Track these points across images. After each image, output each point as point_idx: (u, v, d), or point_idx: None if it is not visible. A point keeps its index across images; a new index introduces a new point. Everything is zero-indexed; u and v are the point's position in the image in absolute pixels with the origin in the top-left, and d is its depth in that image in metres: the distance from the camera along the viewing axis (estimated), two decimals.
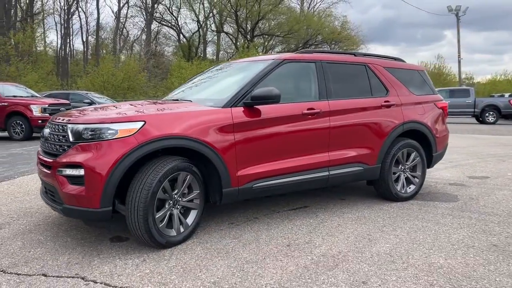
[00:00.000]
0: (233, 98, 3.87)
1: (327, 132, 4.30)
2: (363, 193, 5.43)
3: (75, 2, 44.23)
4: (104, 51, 43.26)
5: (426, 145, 5.24)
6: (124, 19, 48.56)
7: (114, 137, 3.25)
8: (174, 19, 47.42)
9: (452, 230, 3.97)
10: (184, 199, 3.62)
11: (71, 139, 3.34)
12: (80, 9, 46.58)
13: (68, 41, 45.63)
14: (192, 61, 38.17)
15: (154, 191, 3.28)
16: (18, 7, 40.30)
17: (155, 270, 3.06)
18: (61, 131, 3.48)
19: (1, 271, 3.06)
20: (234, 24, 46.11)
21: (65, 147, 3.38)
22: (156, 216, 3.34)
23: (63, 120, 3.56)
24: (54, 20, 45.17)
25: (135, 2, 48.46)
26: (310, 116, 4.19)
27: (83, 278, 2.93)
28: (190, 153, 3.61)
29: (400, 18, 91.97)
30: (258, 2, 42.86)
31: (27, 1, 40.60)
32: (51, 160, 3.45)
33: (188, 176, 3.57)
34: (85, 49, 46.89)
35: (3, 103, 13.35)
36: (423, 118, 5.11)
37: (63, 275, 2.99)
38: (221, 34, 48.37)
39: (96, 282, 2.87)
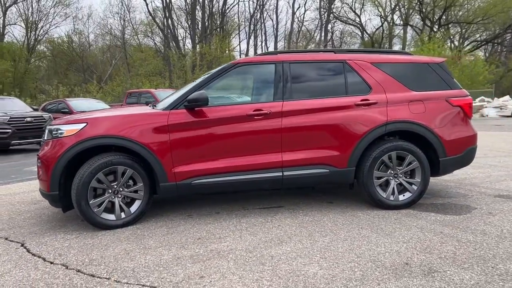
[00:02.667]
0: (175, 101, 4.28)
1: (278, 133, 4.27)
2: (359, 198, 5.03)
3: (258, 11, 48.53)
4: None
5: (429, 149, 4.58)
6: (302, 21, 51.06)
7: (61, 136, 4.07)
8: (357, 16, 47.50)
9: (388, 244, 3.53)
10: (127, 190, 4.20)
11: (44, 138, 4.30)
12: (268, 16, 50.83)
13: (249, 46, 50.19)
14: None
15: (85, 181, 3.97)
16: (212, 21, 46.43)
17: (71, 245, 3.75)
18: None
19: None
20: (420, 15, 43.05)
21: (42, 144, 4.37)
22: (90, 202, 4.02)
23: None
24: (245, 30, 50.10)
25: (311, 4, 50.33)
26: (256, 117, 4.26)
27: (22, 244, 3.82)
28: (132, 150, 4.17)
29: None
30: None
31: (219, 16, 46.50)
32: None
33: (128, 170, 4.13)
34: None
35: None
36: (421, 117, 4.48)
37: (10, 239, 3.96)
38: (407, 27, 45.79)
39: (24, 247, 3.72)
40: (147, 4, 47.17)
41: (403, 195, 4.56)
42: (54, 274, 3.11)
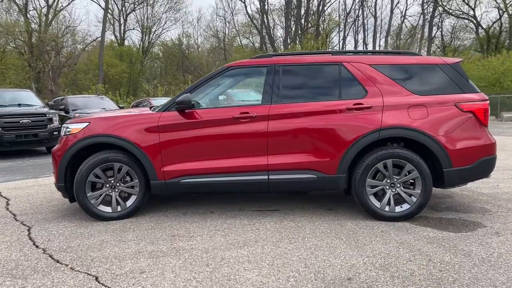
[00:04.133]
0: (168, 103, 4.49)
1: (264, 136, 4.25)
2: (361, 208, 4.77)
3: (359, 8, 47.21)
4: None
5: (433, 158, 4.20)
6: (404, 16, 48.55)
7: (68, 134, 4.53)
8: (471, 9, 43.71)
9: (350, 257, 3.36)
10: (123, 185, 4.52)
11: (61, 134, 4.80)
12: (370, 13, 49.18)
13: (345, 44, 48.88)
14: (491, 54, 33.98)
15: (83, 175, 4.36)
16: (307, 21, 46.34)
17: (64, 232, 4.16)
18: None
19: (14, 214, 4.83)
20: None
21: None
22: (88, 194, 4.41)
23: None
24: (344, 28, 49.00)
25: None
26: (243, 120, 4.29)
27: (29, 228, 4.33)
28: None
29: None
30: None
31: (316, 15, 46.20)
32: None
33: (124, 167, 4.45)
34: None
35: None
36: (421, 123, 4.12)
37: (24, 222, 4.50)
38: None
39: (28, 231, 4.22)
40: (245, 6, 48.72)
41: (401, 207, 4.25)
42: (29, 257, 3.51)
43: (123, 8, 45.73)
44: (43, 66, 34.74)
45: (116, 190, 4.52)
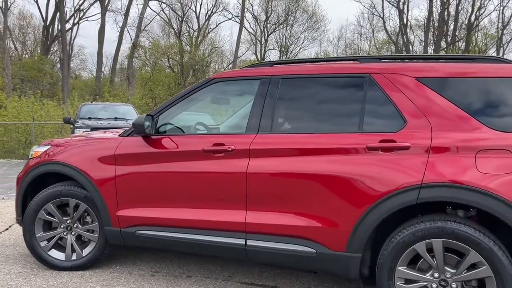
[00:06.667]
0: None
1: (242, 179, 2.86)
2: None
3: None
4: None
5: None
6: None
7: (29, 158, 3.77)
8: None
9: None
10: (81, 227, 3.55)
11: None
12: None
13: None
14: None
15: (33, 209, 3.50)
16: (454, 35, 41.58)
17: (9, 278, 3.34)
18: None
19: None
20: None
21: None
22: (37, 235, 3.53)
23: None
24: (500, 42, 43.04)
25: None
26: (216, 155, 2.97)
27: None
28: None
29: None
30: None
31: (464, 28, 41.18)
32: None
33: (81, 204, 3.48)
34: None
35: None
36: (498, 182, 2.28)
37: None
38: None
39: None
40: (384, 22, 45.71)
41: None
42: None
43: (265, 29, 47.14)
44: (184, 83, 37.28)
45: (73, 233, 3.57)
